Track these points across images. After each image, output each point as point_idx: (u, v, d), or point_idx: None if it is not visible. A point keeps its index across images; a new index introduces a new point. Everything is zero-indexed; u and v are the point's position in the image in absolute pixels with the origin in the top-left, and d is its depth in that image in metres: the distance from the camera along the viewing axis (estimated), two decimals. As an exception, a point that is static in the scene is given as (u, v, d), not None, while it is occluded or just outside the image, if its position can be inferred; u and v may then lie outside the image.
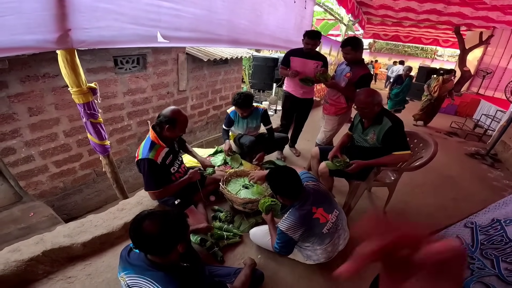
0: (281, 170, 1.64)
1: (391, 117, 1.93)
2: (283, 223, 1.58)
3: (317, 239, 1.61)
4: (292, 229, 1.55)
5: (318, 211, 1.57)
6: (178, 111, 1.84)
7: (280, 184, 1.59)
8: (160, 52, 4.31)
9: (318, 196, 1.63)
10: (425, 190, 3.04)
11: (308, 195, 1.60)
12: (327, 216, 1.58)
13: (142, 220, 0.97)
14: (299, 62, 2.85)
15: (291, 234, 1.55)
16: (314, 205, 1.57)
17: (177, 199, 1.97)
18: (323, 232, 1.58)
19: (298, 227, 1.54)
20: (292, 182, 1.57)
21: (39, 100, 3.06)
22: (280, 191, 1.60)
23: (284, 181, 1.57)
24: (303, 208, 1.56)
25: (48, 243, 1.66)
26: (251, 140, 2.72)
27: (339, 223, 1.66)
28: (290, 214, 1.58)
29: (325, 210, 1.59)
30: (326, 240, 1.61)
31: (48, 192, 3.44)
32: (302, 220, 1.54)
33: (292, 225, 1.54)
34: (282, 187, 1.59)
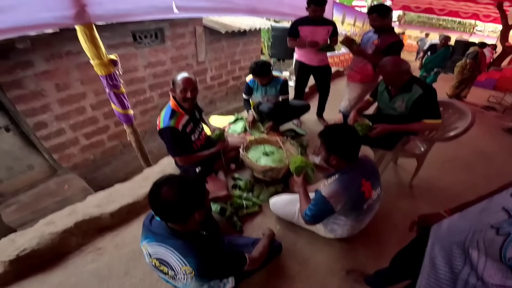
0: (343, 127, 1.45)
1: (422, 84, 1.81)
2: (327, 188, 1.38)
3: (354, 215, 1.48)
4: (336, 197, 1.35)
5: (366, 184, 1.39)
6: (181, 74, 1.81)
7: (340, 141, 1.37)
8: (177, 25, 4.30)
9: (368, 168, 1.46)
10: (456, 165, 2.85)
11: (360, 164, 1.43)
12: (371, 192, 1.42)
13: (160, 186, 0.95)
14: (309, 31, 2.73)
15: (333, 203, 1.35)
16: (364, 176, 1.39)
17: (198, 167, 1.99)
18: (363, 208, 1.44)
19: (344, 197, 1.35)
20: (353, 141, 1.37)
21: (65, 77, 3.18)
22: (337, 150, 1.37)
23: (344, 138, 1.37)
24: (354, 176, 1.38)
25: (80, 214, 1.73)
26: (270, 108, 2.69)
27: (376, 202, 1.53)
28: (338, 180, 1.38)
29: (372, 184, 1.42)
30: (360, 217, 1.50)
31: (80, 164, 3.67)
32: (350, 189, 1.36)
33: (338, 192, 1.35)
34: (341, 145, 1.36)
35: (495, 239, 0.67)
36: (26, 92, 2.91)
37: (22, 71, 2.82)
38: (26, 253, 1.48)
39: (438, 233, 0.90)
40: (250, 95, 2.87)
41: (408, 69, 1.77)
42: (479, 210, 0.79)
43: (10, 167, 3.04)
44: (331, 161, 1.41)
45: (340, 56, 7.60)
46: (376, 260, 1.68)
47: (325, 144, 1.42)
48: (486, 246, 0.69)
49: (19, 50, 2.64)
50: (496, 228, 0.68)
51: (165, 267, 1.01)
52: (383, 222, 1.96)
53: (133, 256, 1.64)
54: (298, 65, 3.07)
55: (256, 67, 2.51)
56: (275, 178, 2.13)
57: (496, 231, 0.68)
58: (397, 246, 1.40)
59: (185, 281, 1.01)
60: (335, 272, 1.61)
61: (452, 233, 0.83)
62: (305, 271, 1.61)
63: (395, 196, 2.26)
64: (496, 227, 0.68)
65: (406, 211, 2.10)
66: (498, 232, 0.67)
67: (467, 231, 0.76)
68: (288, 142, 2.39)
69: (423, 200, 2.26)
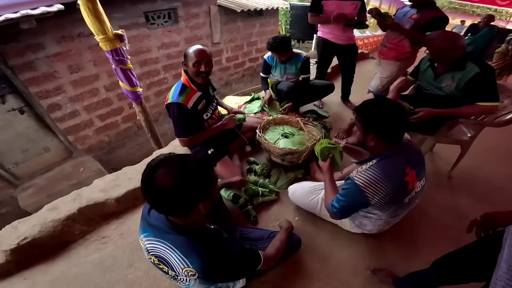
0: (386, 101, 1.20)
1: (479, 62, 1.57)
2: (363, 175, 1.14)
3: (392, 209, 1.23)
4: (373, 187, 1.11)
5: (411, 173, 1.15)
6: (193, 46, 1.66)
7: (382, 117, 1.12)
8: (190, 5, 4.20)
9: (413, 155, 1.20)
10: (499, 154, 2.54)
11: (404, 149, 1.19)
12: (415, 182, 1.18)
13: (154, 168, 0.74)
14: (334, 5, 2.48)
15: (369, 194, 1.12)
16: (409, 164, 1.15)
17: (210, 149, 1.84)
18: (404, 201, 1.20)
19: (383, 187, 1.11)
20: (398, 119, 1.12)
21: (78, 58, 3.16)
22: (378, 128, 1.13)
23: (388, 114, 1.12)
24: (396, 162, 1.14)
25: (84, 199, 1.65)
26: (289, 86, 2.50)
27: (419, 195, 1.27)
28: (376, 165, 1.14)
29: (417, 174, 1.18)
30: (399, 211, 1.27)
31: (95, 146, 3.68)
32: (392, 178, 1.12)
33: (377, 181, 1.11)
34: (383, 122, 1.12)
35: None
36: (39, 74, 2.90)
37: (34, 54, 2.81)
38: (27, 242, 1.41)
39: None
40: (268, 74, 2.69)
41: (463, 45, 1.55)
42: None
43: (25, 149, 3.05)
44: (368, 142, 1.18)
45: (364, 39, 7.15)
46: (407, 259, 1.50)
47: (362, 120, 1.19)
48: None
49: (29, 33, 2.61)
50: None
51: (164, 266, 0.85)
52: (417, 217, 1.74)
53: (138, 246, 1.53)
54: (322, 43, 2.83)
55: (274, 42, 2.32)
56: (295, 163, 1.94)
57: None
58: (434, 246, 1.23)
59: (187, 283, 0.84)
60: (359, 271, 1.44)
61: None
62: (325, 269, 1.45)
63: (431, 187, 2.00)
64: None
65: (445, 205, 1.87)
66: None
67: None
68: (310, 124, 2.18)
69: (464, 192, 2.02)
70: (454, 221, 1.74)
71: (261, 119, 2.27)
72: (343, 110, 3.12)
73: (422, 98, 1.86)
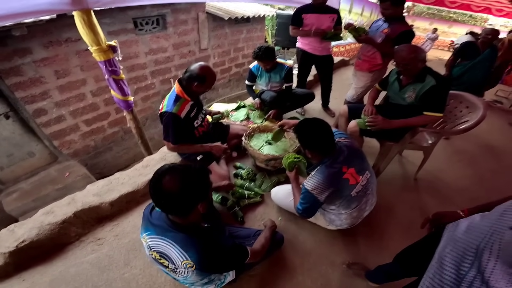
0: (312, 121, 1.44)
1: (436, 75, 1.74)
2: (309, 181, 1.42)
3: (344, 202, 1.47)
4: (318, 189, 1.38)
5: (349, 171, 1.40)
6: (207, 67, 1.76)
7: (311, 136, 1.40)
8: (179, 11, 4.23)
9: (351, 155, 1.44)
10: (462, 158, 2.80)
11: (340, 152, 1.43)
12: (357, 177, 1.42)
13: (162, 176, 0.89)
14: (313, 19, 2.62)
15: (316, 194, 1.39)
16: (345, 164, 1.40)
17: (199, 155, 1.96)
18: (351, 195, 1.43)
19: (326, 187, 1.38)
20: (324, 135, 1.39)
21: (65, 63, 3.14)
22: (309, 145, 1.43)
23: (315, 133, 1.39)
24: (333, 166, 1.39)
25: (79, 203, 1.70)
26: (272, 96, 2.65)
27: (369, 186, 1.50)
28: (318, 172, 1.42)
29: (356, 171, 1.42)
30: (353, 204, 1.48)
31: (81, 150, 3.66)
32: (330, 179, 1.38)
33: (319, 184, 1.38)
34: (312, 140, 1.40)
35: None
36: (25, 79, 2.87)
37: (20, 58, 2.79)
38: (26, 244, 1.46)
39: (455, 233, 0.87)
40: (253, 82, 2.81)
41: (424, 57, 1.71)
42: (501, 211, 0.75)
43: (10, 154, 3.02)
44: (307, 155, 1.48)
45: (346, 45, 7.45)
46: (378, 254, 1.67)
47: (299, 139, 1.48)
48: (501, 249, 0.67)
49: (17, 37, 2.59)
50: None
51: (165, 260, 0.98)
52: (386, 216, 1.93)
53: (133, 247, 1.62)
54: (300, 54, 2.98)
55: (260, 51, 2.45)
56: (278, 167, 2.09)
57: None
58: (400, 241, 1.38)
59: (185, 275, 0.98)
60: (336, 265, 1.60)
61: (470, 234, 0.80)
62: (306, 263, 1.59)
63: (399, 188, 2.22)
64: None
65: (411, 205, 2.08)
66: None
67: (485, 233, 0.73)
68: (292, 131, 2.34)
69: (428, 193, 2.23)
70: (418, 219, 1.91)
71: (247, 127, 2.39)
72: (323, 117, 3.22)
73: (387, 107, 2.04)
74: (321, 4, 2.54)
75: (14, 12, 1.48)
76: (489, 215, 0.80)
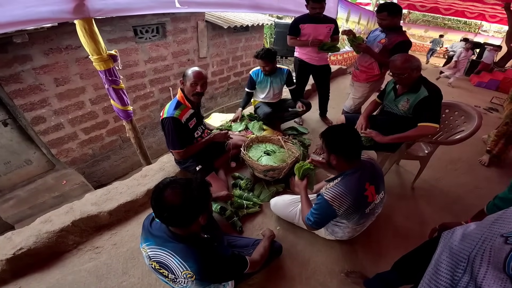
0: (345, 127, 1.41)
1: (429, 86, 1.77)
2: (330, 191, 1.34)
3: (356, 218, 1.44)
4: (339, 200, 1.31)
5: (370, 188, 1.36)
6: (192, 68, 1.82)
7: (339, 139, 1.35)
8: (179, 20, 4.28)
9: (373, 172, 1.42)
10: (458, 167, 2.84)
11: (365, 167, 1.39)
12: (375, 196, 1.41)
13: (164, 189, 0.91)
14: (310, 29, 2.67)
15: (336, 207, 1.31)
16: (369, 180, 1.36)
17: (198, 165, 1.97)
18: (365, 211, 1.42)
19: (347, 200, 1.31)
20: (353, 139, 1.34)
21: (64, 71, 3.15)
22: (338, 149, 1.35)
23: (344, 136, 1.34)
24: (357, 179, 1.34)
25: (77, 212, 1.70)
26: (265, 113, 2.69)
27: (379, 206, 1.50)
28: (340, 183, 1.35)
29: (375, 189, 1.40)
30: (362, 220, 1.48)
31: (79, 159, 3.64)
32: (354, 192, 1.32)
33: (341, 195, 1.31)
34: (344, 144, 1.34)
35: (503, 248, 0.67)
36: (24, 86, 2.88)
37: (20, 65, 2.80)
38: (23, 252, 1.46)
39: (450, 240, 0.89)
40: (252, 89, 2.83)
41: (419, 66, 1.73)
42: (493, 219, 0.78)
43: (7, 161, 3.01)
44: (332, 161, 1.39)
45: (343, 54, 7.54)
46: (376, 262, 1.68)
47: (325, 143, 1.40)
48: (492, 255, 0.69)
49: (17, 44, 2.61)
50: (505, 237, 0.68)
51: (165, 270, 0.98)
52: (384, 224, 1.94)
53: (132, 255, 1.61)
54: (298, 63, 3.02)
55: (262, 50, 2.52)
56: (276, 178, 2.11)
57: (505, 240, 0.68)
58: (397, 249, 1.40)
59: (185, 285, 0.98)
60: (335, 274, 1.60)
61: (464, 242, 0.82)
62: (305, 272, 1.59)
63: (396, 197, 2.24)
64: (506, 236, 0.68)
65: (408, 213, 2.09)
66: (507, 241, 0.68)
67: (477, 240, 0.76)
68: (290, 142, 2.36)
69: (425, 202, 2.25)
70: (416, 227, 1.96)
71: (245, 137, 2.42)
72: (321, 126, 3.31)
73: (381, 116, 2.06)
74: (318, 14, 2.58)
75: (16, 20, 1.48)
76: (482, 223, 0.83)
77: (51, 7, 1.53)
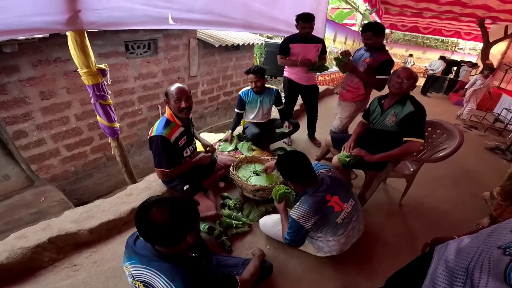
0: (290, 154, 1.57)
1: (415, 102, 1.85)
2: (295, 211, 1.50)
3: (331, 229, 1.53)
4: (304, 217, 1.46)
5: (333, 199, 1.49)
6: (173, 85, 1.80)
7: (290, 168, 1.52)
8: (171, 37, 4.31)
9: (334, 184, 1.54)
10: (444, 184, 2.91)
11: (322, 182, 1.53)
12: (342, 205, 1.51)
13: (149, 208, 0.89)
14: (300, 48, 2.76)
15: (303, 223, 1.46)
16: (328, 192, 1.49)
17: (186, 185, 1.92)
18: (337, 222, 1.51)
19: (311, 215, 1.46)
20: (302, 166, 1.49)
21: (51, 84, 3.08)
22: (290, 176, 1.53)
23: (293, 165, 1.50)
24: (316, 194, 1.49)
25: (55, 229, 1.63)
26: (253, 133, 2.69)
27: (354, 213, 1.59)
28: (302, 202, 1.51)
29: (340, 198, 1.51)
30: (340, 231, 1.54)
31: (60, 176, 3.49)
32: (315, 207, 1.46)
33: (305, 213, 1.46)
34: (292, 172, 1.52)
35: (502, 259, 0.68)
36: (9, 99, 2.79)
37: (7, 77, 2.72)
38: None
39: (445, 254, 0.90)
40: (242, 109, 2.82)
41: (417, 79, 1.85)
42: (488, 232, 0.80)
43: (-16, 177, 2.85)
44: (291, 186, 1.60)
45: (331, 74, 7.77)
46: (368, 279, 1.67)
47: (280, 173, 1.59)
48: (491, 266, 0.70)
49: (6, 54, 2.55)
50: (503, 249, 0.70)
51: None
52: (375, 241, 1.95)
53: (113, 274, 1.53)
54: (287, 83, 3.06)
55: (253, 66, 2.58)
56: (266, 198, 2.09)
57: (503, 251, 0.69)
58: (389, 265, 1.40)
59: None
60: (328, 292, 1.56)
61: (459, 255, 0.83)
62: (298, 291, 1.55)
63: (385, 214, 2.26)
64: (504, 248, 0.70)
65: (397, 230, 2.11)
66: (505, 252, 0.69)
67: (473, 253, 0.78)
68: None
69: (413, 218, 2.28)
70: (406, 242, 1.97)
71: (234, 157, 2.42)
72: (309, 146, 3.33)
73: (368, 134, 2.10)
74: (307, 34, 2.68)
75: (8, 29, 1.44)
76: (476, 237, 0.84)
77: (45, 18, 1.50)
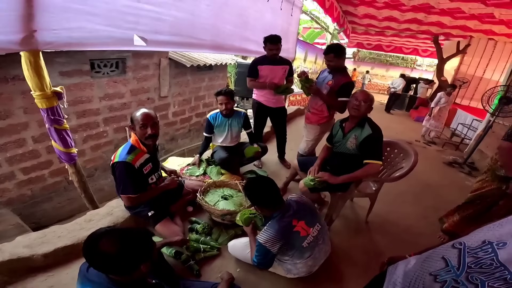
0: (258, 180, 1.63)
1: (372, 124, 1.95)
2: (262, 235, 1.54)
3: (297, 253, 1.57)
4: (270, 242, 1.50)
5: (299, 224, 1.54)
6: (139, 110, 1.76)
7: (257, 194, 1.57)
8: (141, 56, 4.19)
9: (300, 209, 1.61)
10: (406, 199, 3.06)
11: (289, 207, 1.58)
12: (308, 229, 1.56)
13: (98, 238, 0.87)
14: (267, 70, 2.82)
15: (269, 247, 1.50)
16: (295, 217, 1.55)
17: (151, 211, 1.85)
18: (303, 245, 1.55)
19: (277, 240, 1.50)
20: (269, 191, 1.55)
21: (8, 103, 2.89)
22: (257, 201, 1.58)
23: (260, 190, 1.55)
24: (283, 220, 1.54)
25: (6, 253, 1.54)
26: (221, 158, 2.69)
27: (320, 237, 1.64)
28: (269, 226, 1.55)
29: (306, 223, 1.57)
30: (306, 254, 1.58)
31: (15, 199, 3.21)
32: (281, 232, 1.51)
33: (271, 237, 1.50)
34: (259, 197, 1.56)
35: (433, 286, 0.72)
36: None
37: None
38: None
39: (393, 276, 0.94)
40: (211, 133, 2.80)
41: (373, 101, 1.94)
42: (425, 257, 0.84)
43: None
44: (258, 210, 1.64)
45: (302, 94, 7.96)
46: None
47: (248, 198, 1.64)
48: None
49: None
50: (434, 276, 0.74)
51: None
52: (343, 259, 1.98)
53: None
54: (256, 105, 3.10)
55: (224, 87, 2.63)
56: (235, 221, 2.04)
57: (434, 278, 0.73)
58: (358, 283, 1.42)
59: None
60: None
61: (405, 278, 0.87)
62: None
63: (353, 232, 2.32)
64: (434, 275, 0.74)
65: (364, 247, 2.16)
66: (436, 279, 0.73)
67: (411, 278, 0.82)
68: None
69: (379, 234, 2.36)
70: (373, 260, 1.99)
71: (202, 182, 2.41)
72: (280, 168, 3.35)
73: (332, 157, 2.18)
74: (274, 56, 2.74)
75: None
76: (418, 260, 0.88)
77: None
